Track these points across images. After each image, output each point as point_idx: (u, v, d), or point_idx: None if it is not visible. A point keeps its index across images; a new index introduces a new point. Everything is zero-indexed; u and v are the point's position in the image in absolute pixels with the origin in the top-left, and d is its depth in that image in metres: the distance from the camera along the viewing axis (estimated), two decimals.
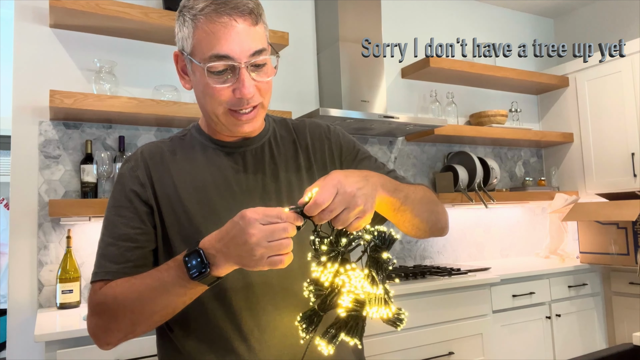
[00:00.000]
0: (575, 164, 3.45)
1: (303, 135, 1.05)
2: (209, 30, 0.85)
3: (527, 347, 2.68)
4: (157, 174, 0.94)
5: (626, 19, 3.44)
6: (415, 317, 2.24)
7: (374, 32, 2.75)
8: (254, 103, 0.90)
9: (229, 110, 0.90)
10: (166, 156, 0.97)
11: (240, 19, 0.86)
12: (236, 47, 0.85)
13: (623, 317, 2.95)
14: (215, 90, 0.87)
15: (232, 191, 0.94)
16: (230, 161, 0.97)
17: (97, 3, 2.06)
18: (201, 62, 0.86)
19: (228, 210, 0.89)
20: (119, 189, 0.94)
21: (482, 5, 3.61)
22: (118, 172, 0.97)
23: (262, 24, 0.90)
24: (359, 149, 1.08)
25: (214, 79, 0.87)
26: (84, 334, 1.64)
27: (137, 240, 0.90)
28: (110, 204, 0.94)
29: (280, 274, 0.87)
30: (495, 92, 3.55)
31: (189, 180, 0.94)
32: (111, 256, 0.89)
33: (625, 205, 2.78)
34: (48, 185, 2.13)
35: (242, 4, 0.86)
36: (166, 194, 0.93)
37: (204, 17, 0.85)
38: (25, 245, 2.07)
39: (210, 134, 0.99)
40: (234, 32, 0.85)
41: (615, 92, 3.17)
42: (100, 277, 0.88)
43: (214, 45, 0.85)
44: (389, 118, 2.55)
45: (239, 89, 0.87)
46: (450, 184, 2.96)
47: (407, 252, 3.02)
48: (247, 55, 0.86)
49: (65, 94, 1.97)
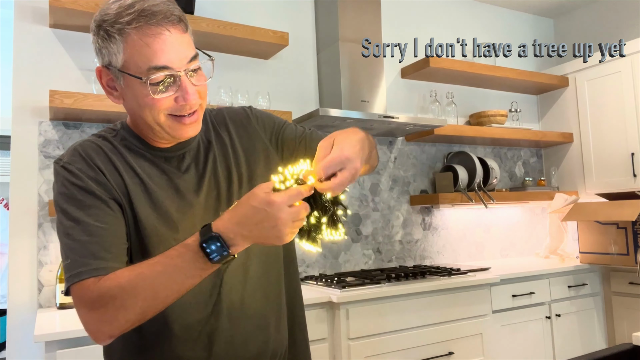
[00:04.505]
0: (575, 164, 3.45)
1: (224, 125, 1.07)
2: (142, 43, 0.85)
3: (527, 347, 2.68)
4: (108, 173, 0.92)
5: (626, 19, 3.44)
6: (415, 317, 2.24)
7: (373, 32, 2.75)
8: (195, 107, 0.92)
9: (170, 116, 0.90)
10: (110, 156, 0.94)
11: (172, 28, 0.87)
12: (174, 57, 0.86)
13: (623, 317, 2.95)
14: (156, 100, 0.87)
15: (180, 193, 0.97)
16: (172, 166, 0.98)
17: (97, 3, 2.06)
18: (138, 74, 0.86)
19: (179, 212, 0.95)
20: (77, 191, 0.89)
21: (482, 5, 3.61)
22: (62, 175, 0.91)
23: (189, 30, 0.93)
24: (276, 119, 1.12)
25: (154, 89, 0.87)
26: (84, 334, 1.63)
27: (114, 234, 0.89)
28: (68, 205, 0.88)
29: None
30: (495, 92, 3.55)
31: (138, 182, 0.95)
32: (94, 253, 0.85)
33: (625, 205, 2.78)
34: (48, 185, 2.13)
35: (170, 13, 0.87)
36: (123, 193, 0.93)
37: (134, 30, 0.85)
38: (25, 245, 2.07)
39: (145, 139, 0.98)
40: (169, 42, 0.86)
41: (615, 92, 3.17)
42: (90, 274, 0.83)
43: (151, 58, 0.85)
44: (388, 118, 2.55)
45: (182, 96, 0.88)
46: (450, 184, 2.96)
47: (407, 252, 3.03)
48: (185, 63, 0.88)
49: (65, 94, 1.97)
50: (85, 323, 0.85)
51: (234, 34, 2.36)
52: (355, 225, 2.88)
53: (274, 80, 2.72)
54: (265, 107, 2.51)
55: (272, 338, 1.02)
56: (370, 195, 2.95)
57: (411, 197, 3.08)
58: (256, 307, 0.99)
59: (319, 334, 2.08)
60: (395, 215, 3.02)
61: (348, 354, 2.07)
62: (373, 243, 2.92)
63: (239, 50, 2.57)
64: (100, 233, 0.87)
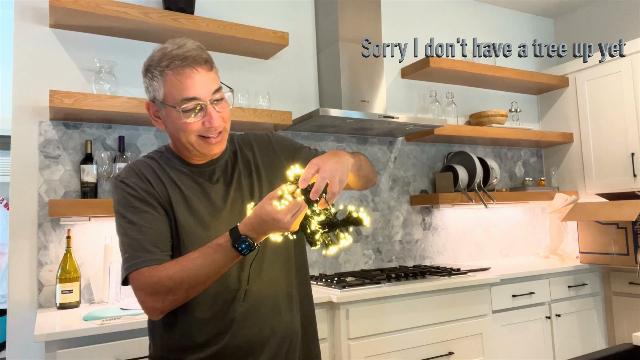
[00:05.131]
0: (575, 164, 3.45)
1: (249, 147, 1.29)
2: (177, 81, 1.09)
3: (527, 347, 2.68)
4: (157, 187, 1.15)
5: (626, 19, 3.44)
6: (415, 317, 2.24)
7: (373, 32, 2.76)
8: (220, 130, 1.14)
9: (199, 137, 1.13)
10: (157, 173, 1.18)
11: (199, 67, 1.11)
12: (201, 90, 1.10)
13: (623, 317, 2.95)
14: (188, 125, 1.11)
15: (211, 200, 1.18)
16: (205, 178, 1.21)
17: (97, 3, 2.06)
18: (174, 105, 1.10)
19: (210, 216, 1.16)
20: (133, 200, 1.12)
21: (482, 5, 3.61)
22: (121, 188, 1.14)
23: (214, 69, 1.16)
24: (295, 144, 1.34)
25: (187, 116, 1.10)
26: (83, 334, 1.64)
27: (164, 234, 1.12)
28: (126, 211, 1.12)
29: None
30: (495, 92, 3.55)
31: (179, 192, 1.16)
32: (146, 248, 1.08)
33: (625, 205, 2.78)
34: (48, 185, 2.13)
35: (199, 57, 1.12)
36: (168, 203, 1.15)
37: (171, 71, 1.10)
38: (25, 245, 2.07)
39: (185, 158, 1.21)
40: (197, 79, 1.10)
41: (615, 92, 3.17)
42: (145, 264, 1.06)
43: (183, 91, 1.09)
44: (388, 118, 2.55)
45: (209, 121, 1.11)
46: (450, 184, 2.96)
47: (407, 252, 3.03)
48: (210, 94, 1.11)
49: (65, 94, 1.97)
50: (141, 302, 1.08)
51: (234, 34, 2.36)
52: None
53: (274, 80, 2.72)
54: (265, 107, 2.51)
55: (284, 322, 1.19)
56: (370, 195, 2.95)
57: (411, 197, 3.08)
58: (269, 294, 1.18)
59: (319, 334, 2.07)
60: (395, 215, 3.02)
61: (348, 354, 2.07)
62: (373, 243, 2.92)
63: (239, 50, 2.57)
64: (150, 232, 1.10)
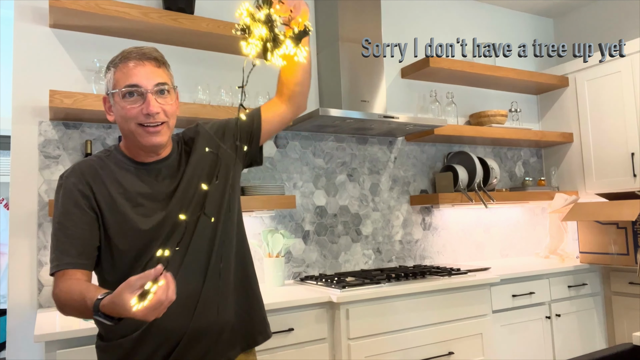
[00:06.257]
0: (575, 164, 3.45)
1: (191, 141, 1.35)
2: (123, 71, 1.20)
3: (527, 347, 2.68)
4: (95, 186, 1.22)
5: (626, 19, 3.44)
6: (415, 317, 2.24)
7: (373, 32, 2.75)
8: (160, 120, 1.21)
9: (138, 125, 1.20)
10: (99, 172, 1.24)
11: (146, 62, 1.21)
12: (142, 79, 1.19)
13: (623, 317, 2.95)
14: (128, 109, 1.19)
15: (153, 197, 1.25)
16: (150, 176, 1.27)
17: (97, 3, 2.06)
18: (117, 89, 1.20)
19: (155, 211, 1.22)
20: (67, 201, 1.21)
21: (482, 5, 3.61)
22: (62, 186, 1.23)
23: (164, 68, 1.25)
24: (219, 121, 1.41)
25: (128, 101, 1.19)
26: (84, 334, 1.64)
27: (85, 238, 1.19)
28: (59, 212, 1.21)
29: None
30: (495, 92, 3.55)
31: (122, 191, 1.23)
32: (66, 251, 1.17)
33: (625, 205, 2.78)
34: (48, 186, 2.13)
35: (149, 54, 1.22)
36: (106, 202, 1.21)
37: (121, 62, 1.21)
38: (25, 245, 2.07)
39: (132, 157, 1.27)
40: (142, 70, 1.20)
41: (615, 92, 3.17)
42: (61, 267, 1.16)
43: (127, 79, 1.19)
44: (388, 118, 2.55)
45: (146, 107, 1.18)
46: (450, 184, 2.96)
47: (407, 252, 3.03)
48: (152, 85, 1.20)
49: (65, 94, 1.97)
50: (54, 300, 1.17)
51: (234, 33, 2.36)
52: (355, 225, 2.88)
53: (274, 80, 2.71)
54: None
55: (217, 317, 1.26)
56: (370, 195, 2.95)
57: (411, 197, 3.08)
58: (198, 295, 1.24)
59: (319, 334, 2.08)
60: (395, 215, 3.02)
61: (348, 354, 2.07)
62: (373, 243, 2.92)
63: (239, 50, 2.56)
64: (74, 235, 1.18)
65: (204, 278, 1.24)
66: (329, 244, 2.77)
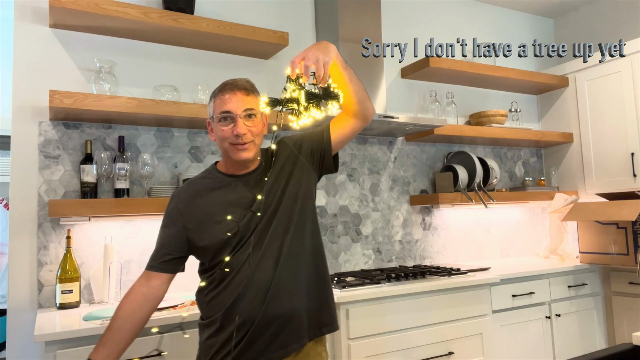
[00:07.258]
0: (575, 164, 3.45)
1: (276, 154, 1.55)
2: (221, 99, 1.45)
3: (527, 347, 2.68)
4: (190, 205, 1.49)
5: (626, 19, 3.44)
6: (415, 317, 2.24)
7: (374, 32, 2.75)
8: (247, 140, 1.44)
9: (230, 144, 1.45)
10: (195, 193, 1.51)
11: (237, 91, 1.45)
12: (234, 106, 1.43)
13: (623, 317, 2.95)
14: (222, 131, 1.44)
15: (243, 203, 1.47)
16: (241, 186, 1.50)
17: (97, 3, 2.06)
18: (216, 116, 1.46)
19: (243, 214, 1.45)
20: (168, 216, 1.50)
21: (482, 5, 3.61)
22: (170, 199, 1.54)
23: (253, 96, 1.47)
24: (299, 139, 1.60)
25: (223, 125, 1.44)
26: (83, 334, 1.64)
27: (169, 247, 1.47)
28: (162, 222, 1.51)
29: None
30: (495, 92, 3.55)
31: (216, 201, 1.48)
32: (154, 256, 1.48)
33: (625, 205, 2.78)
34: (48, 186, 2.13)
35: (240, 85, 1.46)
36: (195, 217, 1.46)
37: (219, 93, 1.47)
38: (25, 245, 2.07)
39: (227, 171, 1.52)
40: (234, 98, 1.44)
41: (615, 92, 3.17)
42: (146, 267, 1.48)
43: (222, 106, 1.44)
44: (388, 118, 2.55)
45: (236, 129, 1.42)
46: (450, 184, 2.96)
47: (407, 252, 3.03)
48: (241, 110, 1.43)
49: (65, 94, 1.97)
50: None
51: (234, 34, 2.36)
52: (355, 225, 2.88)
53: (274, 80, 2.72)
54: None
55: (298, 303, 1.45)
56: (370, 195, 2.95)
57: (411, 197, 3.08)
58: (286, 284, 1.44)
59: None
60: (395, 215, 3.02)
61: (348, 354, 2.07)
62: (373, 243, 2.92)
63: (239, 50, 2.57)
64: (163, 245, 1.48)
65: (275, 269, 1.41)
66: (329, 244, 2.77)
